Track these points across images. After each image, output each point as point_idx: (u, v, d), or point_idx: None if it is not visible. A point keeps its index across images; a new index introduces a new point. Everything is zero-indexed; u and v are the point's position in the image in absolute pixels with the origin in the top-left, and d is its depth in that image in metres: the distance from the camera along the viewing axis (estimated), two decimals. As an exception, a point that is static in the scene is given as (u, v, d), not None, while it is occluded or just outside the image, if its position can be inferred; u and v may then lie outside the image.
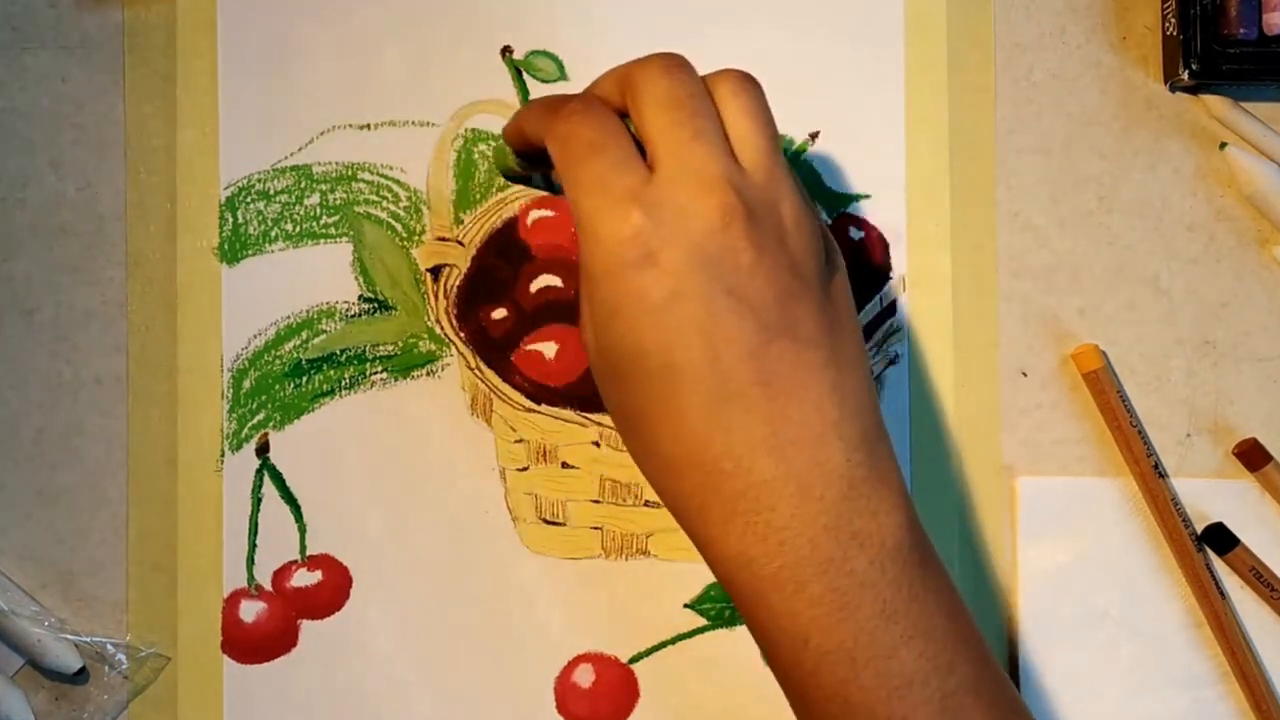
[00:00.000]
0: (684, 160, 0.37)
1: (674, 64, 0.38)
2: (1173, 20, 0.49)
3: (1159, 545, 0.49)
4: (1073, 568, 0.49)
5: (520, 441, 0.48)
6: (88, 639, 0.47)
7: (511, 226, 0.48)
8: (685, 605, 0.49)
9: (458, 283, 0.48)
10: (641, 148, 0.38)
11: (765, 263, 0.37)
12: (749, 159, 0.38)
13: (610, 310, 0.37)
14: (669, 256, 0.36)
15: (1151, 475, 0.48)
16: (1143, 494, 0.49)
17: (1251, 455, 0.49)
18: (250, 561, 0.48)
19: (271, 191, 0.48)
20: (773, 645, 0.37)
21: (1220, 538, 0.49)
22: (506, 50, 0.49)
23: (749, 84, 0.39)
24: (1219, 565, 0.49)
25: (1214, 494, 0.49)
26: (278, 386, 0.48)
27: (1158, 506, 0.48)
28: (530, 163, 0.43)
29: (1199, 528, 0.49)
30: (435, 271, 0.48)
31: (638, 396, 0.37)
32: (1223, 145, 0.50)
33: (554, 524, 0.48)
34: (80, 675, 0.47)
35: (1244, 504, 0.49)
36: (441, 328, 0.48)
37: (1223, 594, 0.48)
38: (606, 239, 0.36)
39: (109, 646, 0.47)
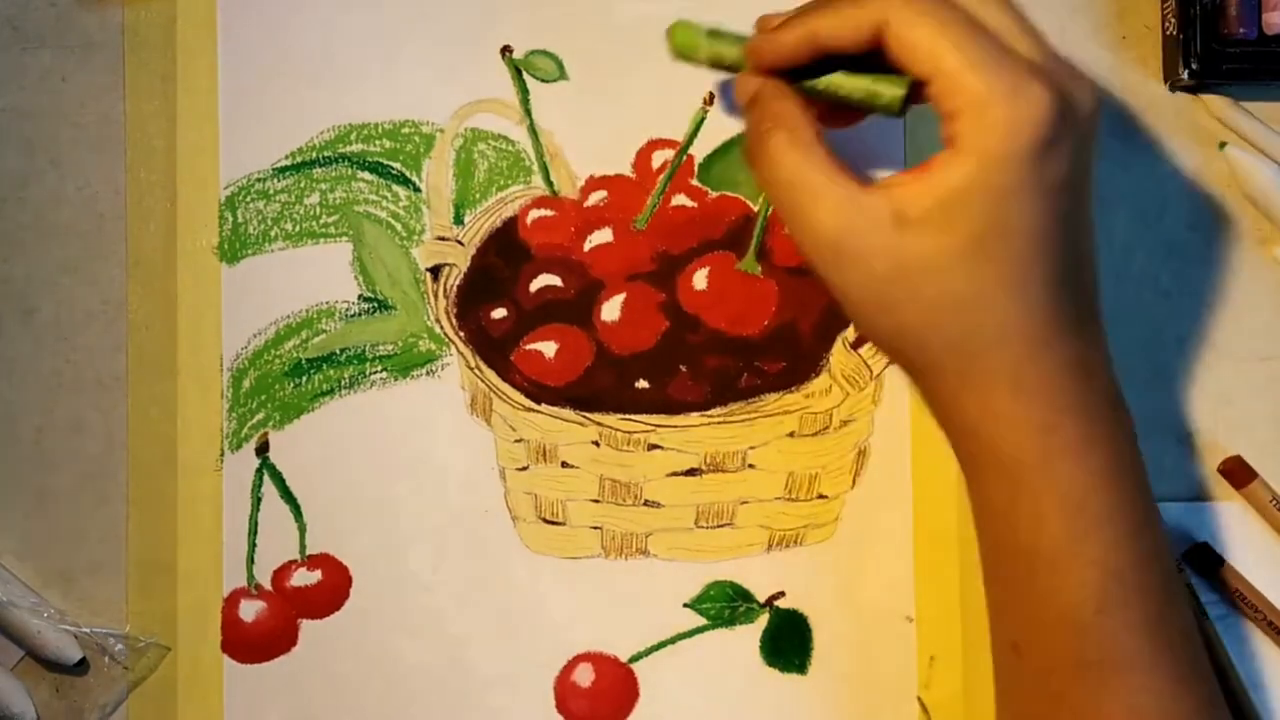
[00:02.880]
0: (1044, 46, 0.38)
1: None
2: (1173, 20, 0.49)
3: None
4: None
5: (520, 441, 0.48)
6: (88, 630, 0.47)
7: (511, 226, 0.48)
8: (685, 605, 0.49)
9: (457, 282, 0.48)
10: None
11: (1092, 156, 0.39)
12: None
13: (1006, 191, 0.37)
14: (1065, 143, 0.37)
15: None
16: None
17: (1236, 472, 0.49)
18: (250, 561, 0.48)
19: (271, 191, 0.48)
20: (1041, 515, 0.39)
21: (1204, 559, 0.48)
22: (506, 50, 0.49)
23: None
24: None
25: (1200, 516, 0.49)
26: (277, 386, 0.48)
27: None
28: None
29: (1186, 547, 0.49)
30: (435, 271, 0.48)
31: (985, 277, 0.38)
32: (1223, 145, 0.50)
33: (554, 523, 0.48)
34: (80, 666, 0.47)
35: (1232, 525, 0.49)
36: (441, 327, 0.48)
37: (1205, 615, 0.48)
38: (1022, 118, 0.36)
39: (109, 638, 0.47)
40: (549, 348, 0.48)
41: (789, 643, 0.48)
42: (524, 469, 0.48)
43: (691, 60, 0.43)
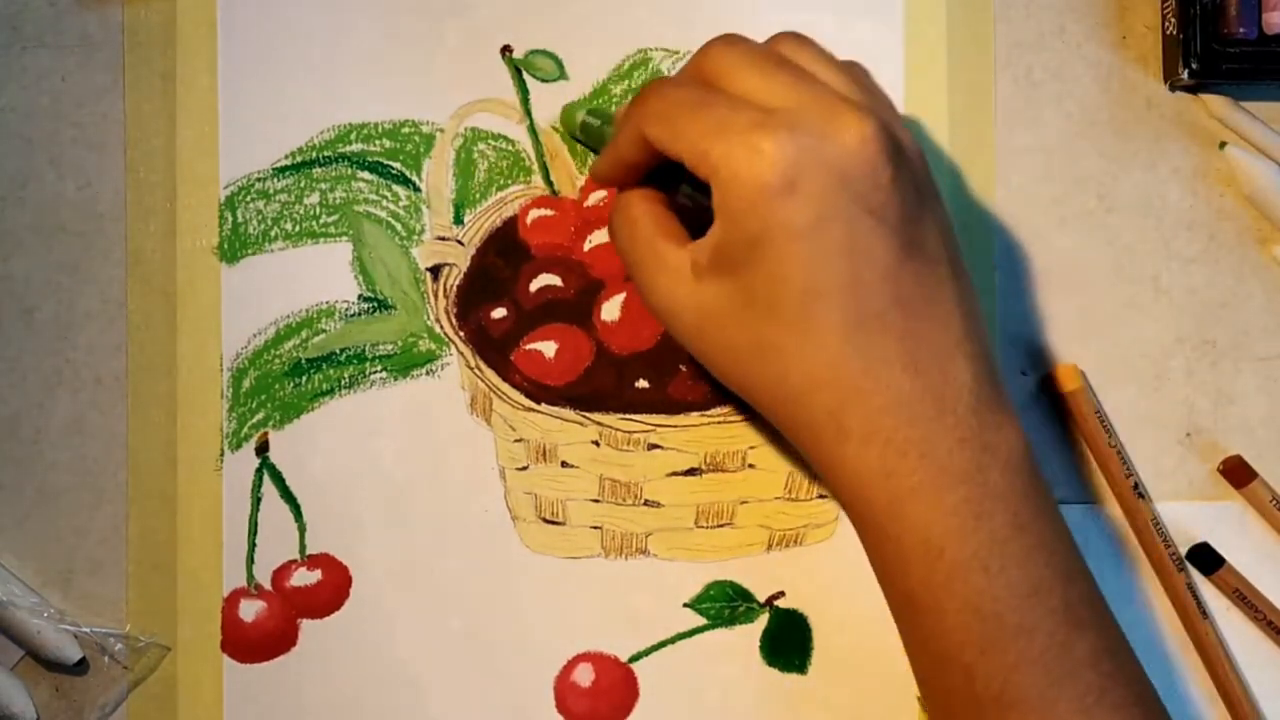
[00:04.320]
0: (800, 93, 0.38)
1: (735, 37, 0.40)
2: (1173, 20, 0.48)
3: (1142, 566, 0.49)
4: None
5: (520, 441, 0.48)
6: (87, 629, 0.47)
7: (511, 226, 0.48)
8: (685, 605, 0.49)
9: (457, 282, 0.48)
10: None
11: (899, 180, 0.38)
12: (849, 88, 0.39)
13: (751, 243, 0.37)
14: (810, 181, 0.36)
15: (1131, 496, 0.48)
16: (1124, 514, 0.48)
17: (1236, 472, 0.49)
18: (250, 561, 0.48)
19: (271, 191, 0.48)
20: (904, 560, 0.38)
21: (1205, 558, 0.48)
22: (506, 50, 0.49)
23: (803, 37, 0.41)
24: (1208, 585, 0.49)
25: (1201, 516, 0.49)
26: (277, 386, 0.48)
27: (1138, 527, 0.48)
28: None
29: (1187, 547, 0.48)
30: (435, 271, 0.48)
31: (772, 327, 0.38)
32: (1223, 145, 0.50)
33: (553, 523, 0.48)
34: (80, 666, 0.47)
35: (1232, 525, 0.49)
36: (441, 327, 0.48)
37: (1205, 615, 0.48)
38: (745, 173, 0.37)
39: (109, 637, 0.47)
40: (549, 347, 0.48)
41: (789, 643, 0.48)
42: (524, 469, 0.48)
43: (570, 132, 0.47)
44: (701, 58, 0.40)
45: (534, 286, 0.48)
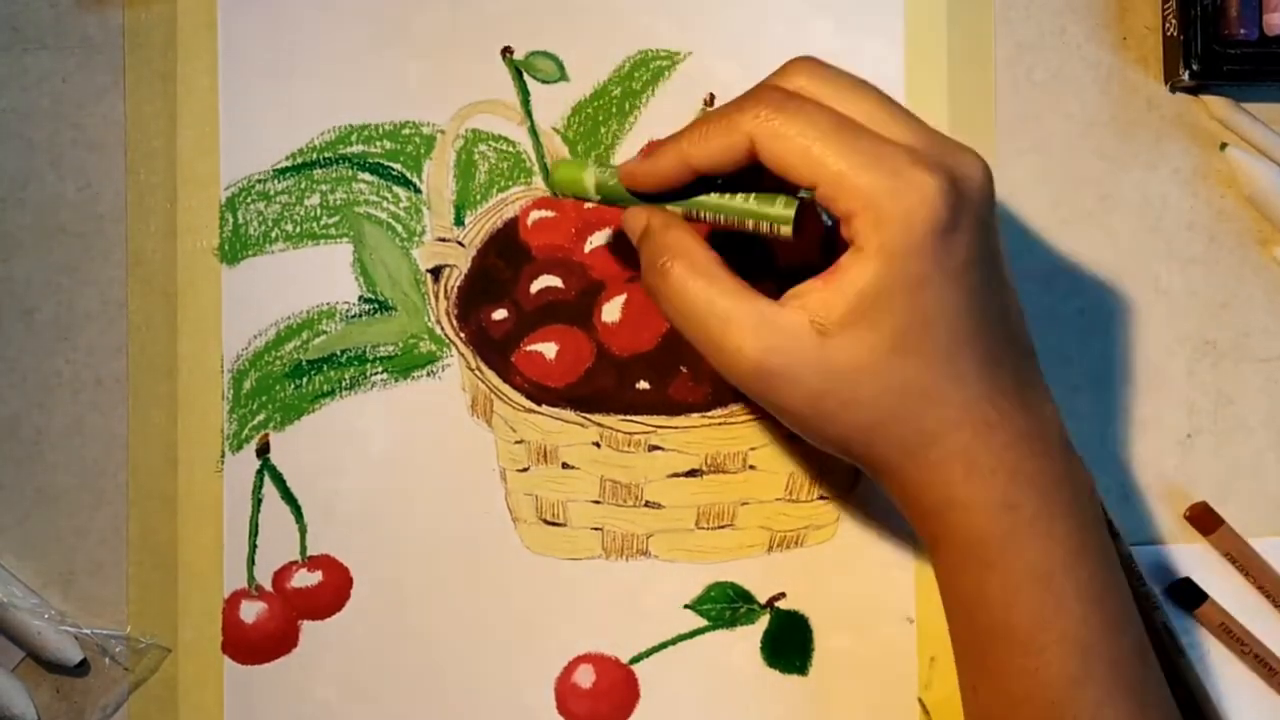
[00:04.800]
0: (920, 128, 0.37)
1: (820, 61, 0.39)
2: (1173, 20, 0.48)
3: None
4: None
5: (520, 442, 0.48)
6: (88, 631, 0.47)
7: (512, 227, 0.48)
8: (685, 606, 0.49)
9: (458, 283, 0.48)
10: None
11: (992, 229, 0.38)
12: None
13: (914, 285, 0.36)
14: (966, 220, 0.37)
15: None
16: None
17: (1203, 519, 0.49)
18: (251, 562, 0.48)
19: (271, 192, 0.48)
20: (1013, 591, 0.38)
21: (1187, 594, 0.48)
22: (506, 50, 0.49)
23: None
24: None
25: (1184, 556, 0.49)
26: (278, 387, 0.48)
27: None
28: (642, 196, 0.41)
29: (1167, 583, 0.49)
30: (435, 272, 0.48)
31: (915, 370, 0.37)
32: (1223, 146, 0.50)
33: (554, 524, 0.48)
34: (81, 667, 0.47)
35: (1210, 563, 0.49)
36: (442, 328, 0.48)
37: (1181, 652, 0.48)
38: (918, 211, 0.36)
39: (109, 639, 0.47)
40: (550, 349, 0.48)
41: (790, 644, 0.48)
42: (524, 470, 0.48)
43: (579, 196, 0.43)
44: (789, 78, 0.38)
45: (535, 288, 0.48)
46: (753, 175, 0.39)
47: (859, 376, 0.37)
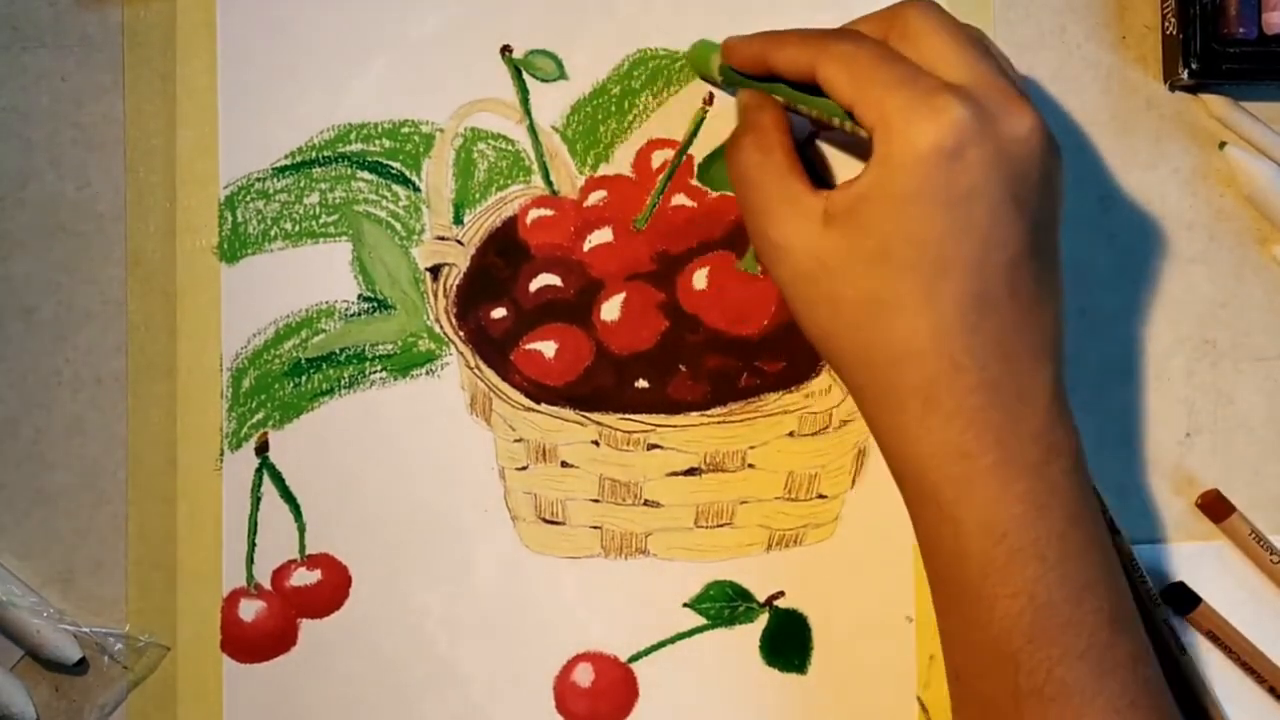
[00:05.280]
0: (983, 72, 0.39)
1: (934, 4, 0.41)
2: (1172, 20, 0.48)
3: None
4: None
5: (519, 441, 0.48)
6: (87, 629, 0.47)
7: (511, 226, 0.48)
8: (685, 605, 0.49)
9: (457, 282, 0.48)
10: None
11: (1048, 180, 0.39)
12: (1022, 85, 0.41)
13: (902, 199, 0.38)
14: (975, 154, 0.38)
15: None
16: None
17: (1215, 506, 0.49)
18: (250, 560, 0.48)
19: (271, 191, 0.48)
20: (964, 541, 0.39)
21: (1181, 597, 0.48)
22: (506, 50, 0.49)
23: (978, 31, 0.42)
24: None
25: (1182, 557, 0.49)
26: (277, 385, 0.48)
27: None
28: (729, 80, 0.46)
29: (1162, 586, 0.49)
30: (434, 270, 0.48)
31: (895, 285, 0.39)
32: (1222, 145, 0.50)
33: (553, 523, 0.48)
34: (80, 666, 0.47)
35: (1209, 563, 0.49)
36: (441, 327, 0.48)
37: (1182, 650, 0.48)
38: (920, 128, 0.37)
39: (108, 637, 0.47)
40: (549, 347, 0.48)
41: (789, 642, 0.48)
42: (523, 468, 0.48)
43: (706, 76, 0.47)
44: (896, 15, 0.41)
45: (534, 286, 0.48)
46: None
47: (839, 273, 0.39)
